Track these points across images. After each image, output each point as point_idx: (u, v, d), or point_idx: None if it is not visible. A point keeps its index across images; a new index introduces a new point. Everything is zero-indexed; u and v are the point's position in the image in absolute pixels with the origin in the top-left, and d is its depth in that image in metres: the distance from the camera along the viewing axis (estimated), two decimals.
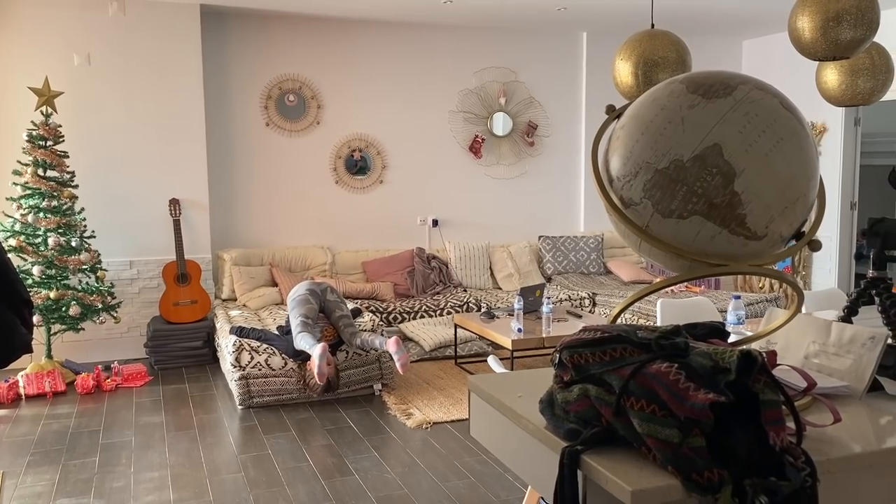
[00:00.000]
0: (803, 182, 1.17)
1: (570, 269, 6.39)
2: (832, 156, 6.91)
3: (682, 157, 1.15)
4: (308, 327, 3.81)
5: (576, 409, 1.06)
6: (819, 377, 1.26)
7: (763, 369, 0.98)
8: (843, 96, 3.57)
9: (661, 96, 1.23)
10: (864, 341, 1.26)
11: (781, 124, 1.16)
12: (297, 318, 3.84)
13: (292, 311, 3.90)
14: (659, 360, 1.02)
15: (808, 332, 1.37)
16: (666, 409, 0.97)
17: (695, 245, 1.17)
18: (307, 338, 3.71)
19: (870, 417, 1.19)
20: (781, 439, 0.95)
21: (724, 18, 5.94)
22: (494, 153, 6.45)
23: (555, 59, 6.65)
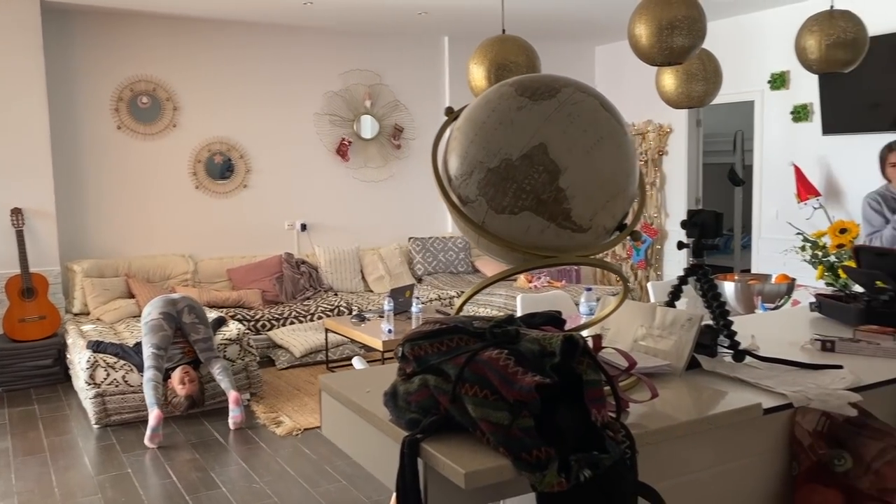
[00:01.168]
0: (623, 177, 1.26)
1: (439, 270, 6.50)
2: (678, 155, 7.38)
3: (512, 156, 1.21)
4: (158, 360, 3.64)
5: (416, 400, 1.10)
6: (645, 358, 1.36)
7: (586, 351, 1.06)
8: (680, 99, 3.84)
9: (493, 98, 1.29)
10: (683, 323, 1.38)
11: (601, 124, 1.25)
12: (149, 348, 3.66)
13: (144, 338, 3.72)
14: (491, 348, 1.08)
15: (636, 317, 1.48)
16: (497, 393, 1.02)
17: (526, 239, 1.24)
18: (150, 392, 3.53)
19: (688, 392, 1.30)
20: (602, 416, 1.03)
21: (576, 25, 6.24)
22: (362, 156, 6.46)
23: (418, 62, 6.74)
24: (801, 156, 6.39)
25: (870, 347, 1.47)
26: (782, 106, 6.60)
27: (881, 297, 1.65)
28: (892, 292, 1.65)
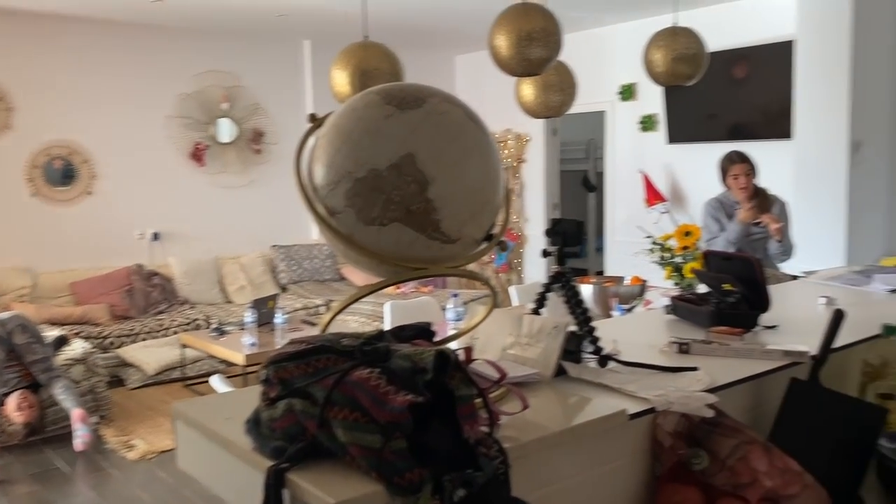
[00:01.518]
0: (490, 189, 1.26)
1: (304, 278, 6.34)
2: (536, 162, 7.61)
3: (380, 166, 1.18)
4: None
5: (281, 426, 1.04)
6: (514, 367, 1.37)
7: (458, 366, 1.04)
8: (539, 109, 3.96)
9: (359, 107, 1.25)
10: (550, 330, 1.39)
11: (468, 134, 1.23)
12: None
13: None
14: (362, 367, 1.03)
15: (504, 326, 1.48)
16: (368, 415, 0.98)
17: (396, 251, 1.21)
18: None
19: (557, 400, 1.32)
20: (475, 432, 1.01)
21: (437, 34, 6.29)
22: (220, 161, 6.19)
23: (279, 65, 6.55)
24: (648, 163, 6.77)
25: (721, 348, 1.55)
26: (631, 116, 6.96)
27: (729, 299, 1.75)
28: (738, 294, 1.75)
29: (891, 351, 1.63)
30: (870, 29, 5.24)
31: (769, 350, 1.52)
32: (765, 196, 3.92)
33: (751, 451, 1.32)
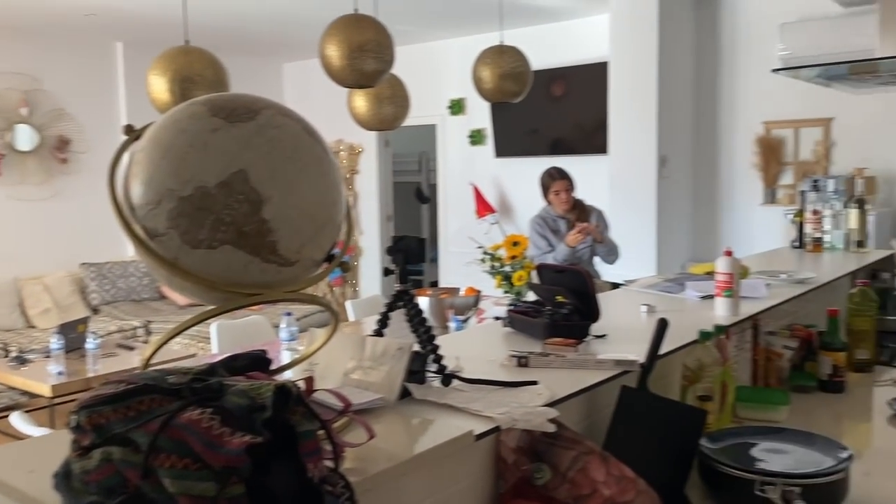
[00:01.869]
0: (330, 206, 1.20)
1: (119, 298, 5.88)
2: (369, 174, 7.58)
3: (208, 183, 1.08)
4: None
5: (97, 479, 0.91)
6: (358, 393, 1.31)
7: (299, 399, 0.97)
8: (372, 121, 3.94)
9: (182, 118, 1.14)
10: (394, 352, 1.35)
11: (305, 150, 1.17)
12: None
13: None
14: (192, 407, 0.93)
15: (346, 350, 1.42)
16: (200, 461, 0.88)
17: (228, 276, 1.12)
18: None
19: (403, 426, 1.28)
20: (319, 469, 0.94)
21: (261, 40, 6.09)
22: (18, 171, 5.60)
23: (88, 68, 6.05)
24: (478, 176, 6.96)
25: (558, 360, 1.58)
26: (461, 130, 7.12)
27: (562, 311, 1.80)
28: (570, 306, 1.81)
29: (706, 355, 1.75)
30: (673, 54, 5.72)
31: (602, 360, 1.58)
32: (583, 207, 4.15)
33: (589, 461, 1.36)
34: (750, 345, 2.26)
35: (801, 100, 5.39)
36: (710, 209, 6.00)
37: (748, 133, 5.79)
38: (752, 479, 1.40)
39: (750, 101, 5.76)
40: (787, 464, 1.49)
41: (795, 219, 3.83)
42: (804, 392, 2.26)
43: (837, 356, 2.26)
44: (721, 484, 1.48)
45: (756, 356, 2.28)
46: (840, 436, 1.92)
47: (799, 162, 5.60)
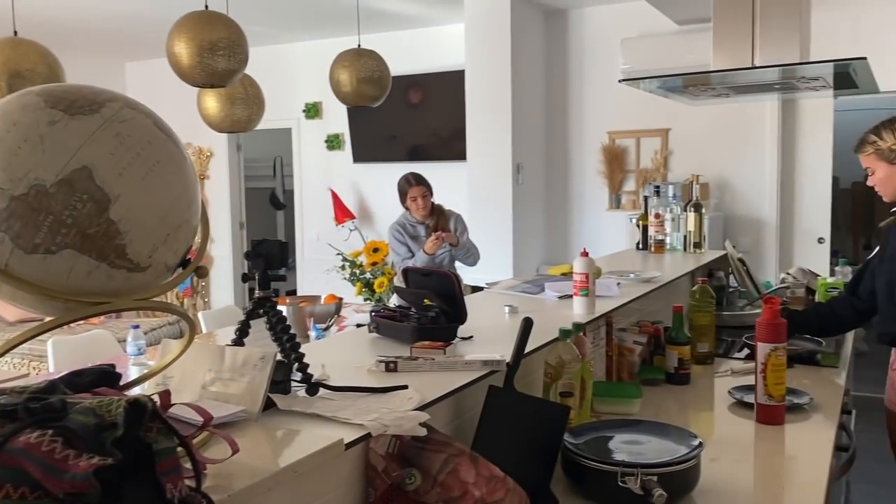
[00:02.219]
0: (185, 207, 1.12)
1: None
2: (220, 179, 7.29)
3: (45, 181, 0.98)
4: None
5: None
6: (217, 406, 1.23)
7: (155, 415, 0.89)
8: (224, 123, 3.78)
9: (14, 109, 1.03)
10: (256, 362, 1.29)
11: (157, 146, 1.08)
12: None
13: None
14: (30, 430, 0.83)
15: (203, 361, 1.34)
16: (40, 488, 0.79)
17: (70, 283, 1.01)
18: None
19: (267, 439, 1.21)
20: (179, 489, 0.87)
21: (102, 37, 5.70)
22: None
23: None
24: (336, 181, 6.86)
25: (427, 363, 1.57)
26: (317, 134, 7.00)
27: (429, 314, 1.79)
28: (437, 309, 1.81)
29: (567, 352, 1.80)
30: (526, 65, 5.91)
31: (470, 361, 1.58)
32: (442, 212, 4.19)
33: (459, 463, 1.35)
34: (604, 341, 2.36)
35: (642, 111, 5.75)
36: (561, 214, 6.26)
37: (595, 142, 6.09)
38: (613, 470, 1.46)
39: (596, 111, 6.08)
40: (644, 454, 1.56)
41: (640, 222, 4.06)
42: (654, 385, 2.38)
43: (682, 350, 2.41)
44: (584, 477, 1.52)
45: (610, 352, 2.38)
46: (688, 424, 2.03)
47: (640, 169, 5.96)
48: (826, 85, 3.11)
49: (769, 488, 1.68)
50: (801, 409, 2.12)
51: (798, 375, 2.47)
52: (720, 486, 1.60)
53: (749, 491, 1.63)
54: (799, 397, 2.16)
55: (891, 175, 2.32)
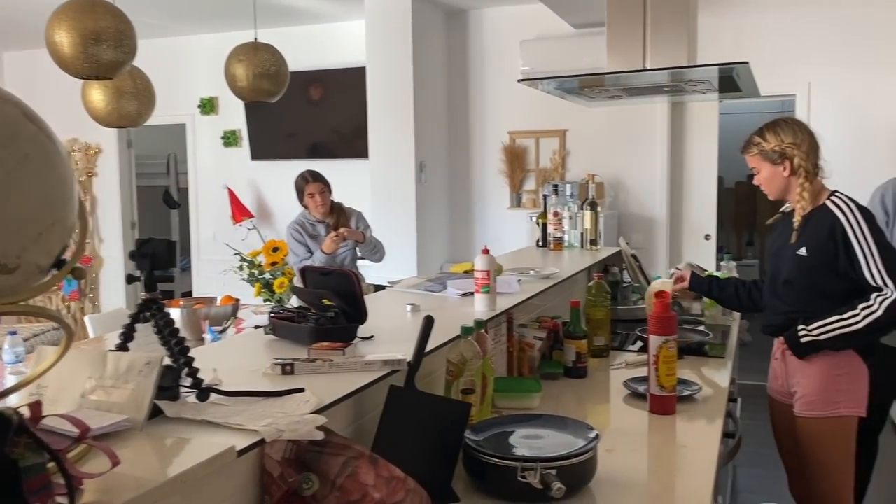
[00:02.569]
0: (59, 204, 1.04)
1: None
2: (109, 177, 6.95)
3: None
4: None
5: None
6: (98, 416, 1.16)
7: (22, 429, 0.82)
8: (111, 117, 3.58)
9: None
10: (141, 368, 1.22)
11: (27, 138, 1.00)
12: None
13: None
14: None
15: (83, 368, 1.25)
16: None
17: None
18: None
19: (153, 449, 1.15)
20: None
21: None
22: None
23: None
24: (233, 179, 6.67)
25: (325, 365, 1.53)
26: (213, 130, 6.78)
27: (328, 314, 1.75)
28: (336, 309, 1.77)
29: (468, 349, 1.80)
30: (427, 63, 5.92)
31: (370, 361, 1.56)
32: (342, 210, 4.13)
33: (359, 465, 1.33)
34: (505, 337, 2.38)
35: (541, 112, 5.87)
36: (464, 212, 6.31)
37: (496, 141, 6.17)
38: (513, 466, 1.46)
39: (497, 111, 6.16)
40: (544, 448, 1.58)
41: (539, 220, 4.14)
42: (553, 379, 2.43)
43: (580, 344, 2.47)
44: (485, 473, 1.53)
45: (511, 348, 2.41)
46: (586, 417, 2.09)
47: (540, 169, 6.08)
48: (712, 88, 3.26)
49: (662, 476, 1.74)
50: (691, 398, 2.21)
51: (688, 366, 2.57)
52: (616, 476, 1.64)
53: (643, 479, 1.68)
54: (689, 387, 2.24)
55: (774, 174, 2.42)
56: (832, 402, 2.34)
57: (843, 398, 2.33)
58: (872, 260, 2.22)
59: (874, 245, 2.23)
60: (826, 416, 2.35)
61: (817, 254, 2.33)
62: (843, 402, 2.33)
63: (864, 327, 2.23)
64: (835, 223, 2.29)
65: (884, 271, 2.21)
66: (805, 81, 5.33)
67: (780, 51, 5.33)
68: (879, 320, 2.21)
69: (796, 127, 2.40)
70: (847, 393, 2.34)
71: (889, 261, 2.22)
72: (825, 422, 2.35)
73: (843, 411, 2.33)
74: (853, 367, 2.35)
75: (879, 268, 2.21)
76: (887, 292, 2.20)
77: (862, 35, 5.18)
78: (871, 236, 2.24)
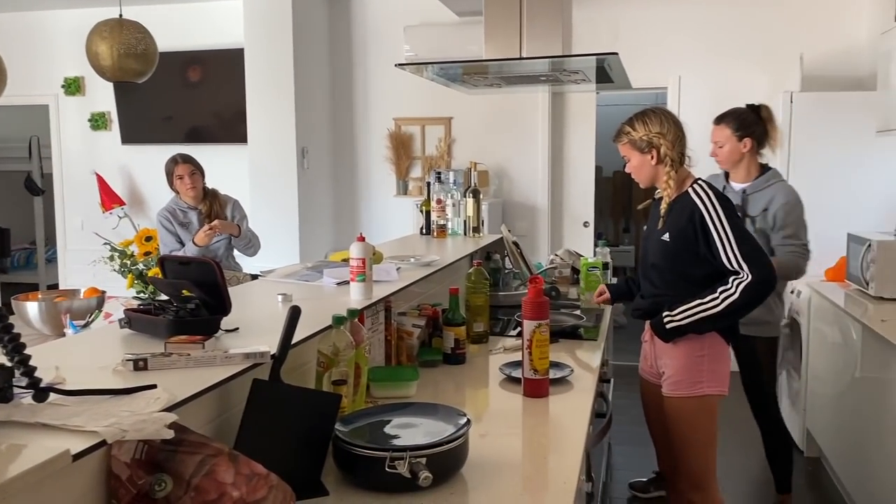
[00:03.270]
0: None
1: None
2: None
3: None
4: None
5: None
6: None
7: None
8: None
9: None
10: None
11: None
12: None
13: None
14: None
15: None
16: None
17: None
18: None
19: None
20: None
21: None
22: None
23: None
24: (103, 164, 6.31)
25: (182, 359, 1.45)
26: (80, 113, 6.40)
27: (188, 305, 1.67)
28: (197, 300, 1.68)
29: (340, 339, 1.76)
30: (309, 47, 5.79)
31: (231, 355, 1.49)
32: (216, 196, 3.96)
33: (217, 464, 1.26)
34: (383, 326, 2.35)
35: (427, 99, 5.86)
36: (350, 200, 6.23)
37: (381, 128, 6.11)
38: (382, 456, 1.44)
39: (382, 97, 6.10)
40: (417, 436, 1.56)
41: (423, 208, 4.13)
42: (432, 366, 2.42)
43: (459, 330, 2.47)
44: (355, 465, 1.49)
45: (389, 336, 2.38)
46: (464, 403, 2.09)
47: (426, 156, 6.08)
48: (587, 79, 3.34)
49: (534, 458, 1.76)
50: (564, 381, 2.26)
51: (563, 349, 2.63)
52: (489, 460, 1.65)
53: (517, 462, 1.69)
54: (562, 370, 2.29)
55: (643, 163, 2.50)
56: (696, 383, 2.44)
57: (707, 378, 2.44)
58: (729, 245, 2.32)
59: (731, 231, 2.32)
60: (691, 396, 2.45)
61: (679, 239, 2.42)
62: (706, 381, 2.44)
63: (723, 309, 2.33)
64: (694, 210, 2.38)
65: (740, 256, 2.31)
66: (676, 75, 5.58)
67: (653, 45, 5.55)
68: (736, 302, 2.31)
69: (663, 117, 2.47)
70: (710, 373, 2.44)
71: (745, 246, 2.32)
72: (690, 401, 2.46)
73: (707, 390, 2.44)
74: (716, 349, 2.45)
75: (736, 253, 2.31)
76: (743, 276, 2.30)
77: (727, 31, 5.47)
78: (728, 223, 2.34)
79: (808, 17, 5.33)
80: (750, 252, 2.33)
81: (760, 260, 2.32)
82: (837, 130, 4.55)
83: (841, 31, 5.28)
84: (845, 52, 5.26)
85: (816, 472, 3.92)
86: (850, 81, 5.18)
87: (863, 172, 4.56)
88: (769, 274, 2.32)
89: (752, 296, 2.31)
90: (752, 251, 2.33)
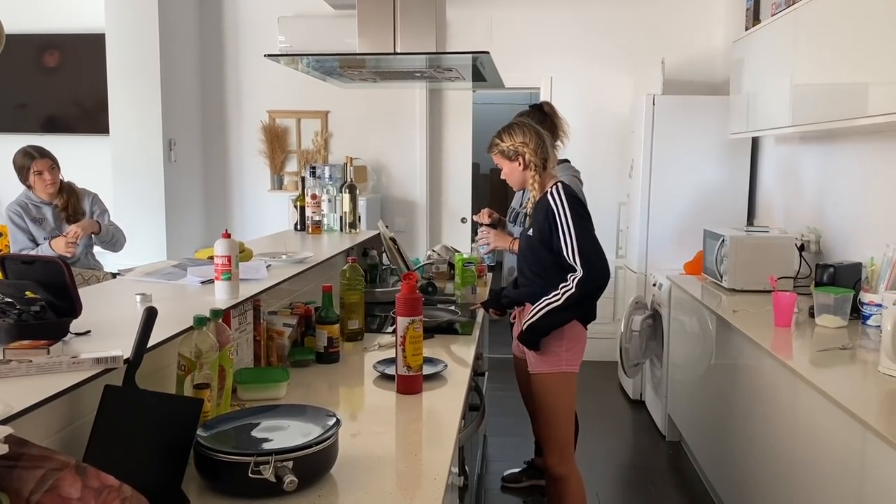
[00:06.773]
0: None
1: None
2: None
3: None
4: None
5: None
6: None
7: None
8: None
9: None
10: None
11: None
12: None
13: None
14: None
15: None
16: None
17: None
18: None
19: None
20: None
21: None
22: None
23: None
24: None
25: (22, 366, 1.34)
26: None
27: (32, 308, 1.54)
28: (42, 302, 1.56)
29: (203, 341, 1.68)
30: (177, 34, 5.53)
31: (80, 360, 1.39)
32: (72, 190, 3.71)
33: (61, 478, 1.17)
34: (252, 326, 2.27)
35: (303, 92, 5.74)
36: (222, 194, 6.01)
37: (254, 120, 5.93)
38: (245, 461, 1.39)
39: (255, 89, 5.92)
40: (285, 439, 1.52)
41: (297, 203, 4.04)
42: (304, 366, 2.37)
43: (332, 329, 2.43)
44: (217, 472, 1.43)
45: (258, 336, 2.31)
46: (336, 403, 2.06)
47: (302, 150, 5.95)
48: (461, 77, 3.37)
49: (406, 455, 1.75)
50: (439, 376, 2.27)
51: (438, 344, 2.65)
52: (360, 460, 1.63)
53: (389, 460, 1.68)
54: (435, 366, 2.30)
55: (512, 169, 2.78)
56: (555, 362, 2.72)
57: (564, 357, 2.73)
58: (570, 243, 2.59)
59: (573, 231, 2.59)
60: (552, 373, 2.74)
61: (538, 234, 2.69)
62: (564, 361, 2.73)
63: (564, 302, 2.60)
64: (549, 209, 2.65)
65: (577, 253, 2.58)
66: (548, 75, 5.74)
67: (527, 46, 5.69)
68: (573, 295, 2.59)
69: (525, 128, 2.73)
70: (567, 353, 2.73)
71: (582, 246, 2.59)
72: (551, 377, 2.75)
73: (565, 368, 2.73)
74: (573, 332, 2.73)
75: (574, 251, 2.58)
76: (578, 272, 2.57)
77: (596, 35, 5.69)
78: (572, 223, 2.60)
79: (670, 25, 5.62)
80: (586, 251, 2.58)
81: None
82: (695, 132, 4.84)
83: (699, 38, 5.61)
84: (703, 58, 5.60)
85: (676, 455, 4.15)
86: (707, 86, 5.52)
87: (718, 171, 4.86)
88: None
89: (585, 289, 2.58)
90: (588, 250, 2.58)
